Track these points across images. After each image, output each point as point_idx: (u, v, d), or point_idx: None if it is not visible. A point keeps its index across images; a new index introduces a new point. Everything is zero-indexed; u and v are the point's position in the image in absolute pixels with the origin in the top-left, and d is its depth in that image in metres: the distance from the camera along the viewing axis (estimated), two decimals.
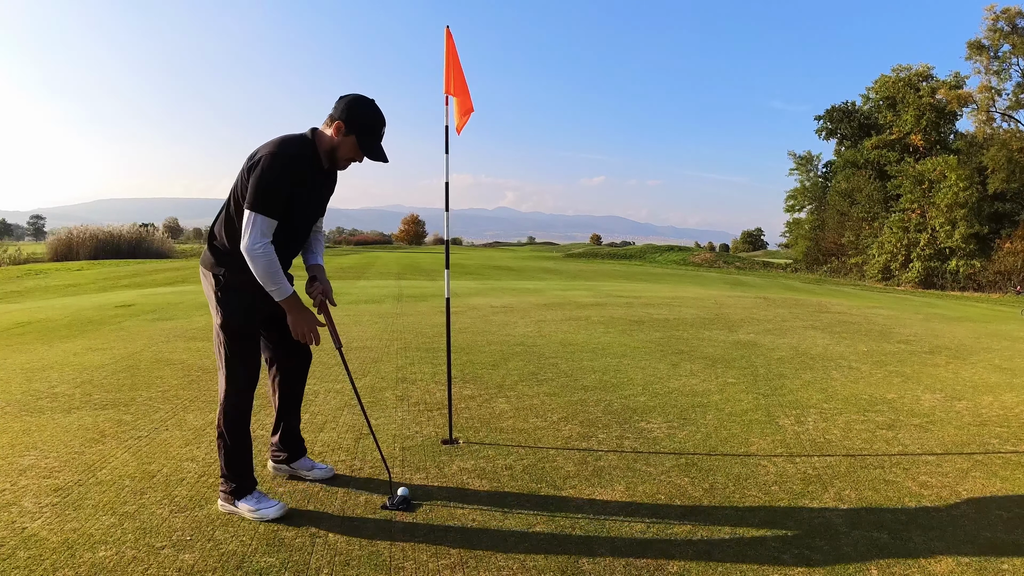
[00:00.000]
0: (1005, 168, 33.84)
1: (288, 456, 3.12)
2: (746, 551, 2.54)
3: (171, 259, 36.17)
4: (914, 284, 37.11)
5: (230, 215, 2.71)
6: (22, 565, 2.30)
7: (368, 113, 2.71)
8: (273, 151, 2.61)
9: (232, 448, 2.75)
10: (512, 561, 2.43)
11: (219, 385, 2.77)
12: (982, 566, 2.47)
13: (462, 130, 3.91)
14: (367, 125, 2.71)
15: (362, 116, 2.70)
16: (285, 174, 2.59)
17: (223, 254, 2.73)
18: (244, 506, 2.72)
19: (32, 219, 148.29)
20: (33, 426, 3.85)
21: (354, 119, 2.69)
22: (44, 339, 6.97)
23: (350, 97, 2.73)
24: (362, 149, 2.72)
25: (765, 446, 3.77)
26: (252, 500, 2.73)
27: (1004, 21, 35.34)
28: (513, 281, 19.69)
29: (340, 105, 2.71)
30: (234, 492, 2.74)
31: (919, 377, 5.71)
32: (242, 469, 2.77)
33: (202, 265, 2.81)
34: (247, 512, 2.71)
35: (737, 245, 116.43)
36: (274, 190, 2.57)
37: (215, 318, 2.75)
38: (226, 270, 2.70)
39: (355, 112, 2.70)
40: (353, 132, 2.69)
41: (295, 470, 3.13)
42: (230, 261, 2.70)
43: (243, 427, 2.78)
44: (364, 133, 2.71)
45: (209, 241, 2.81)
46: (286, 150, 2.62)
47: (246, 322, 2.75)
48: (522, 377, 5.30)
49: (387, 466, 3.14)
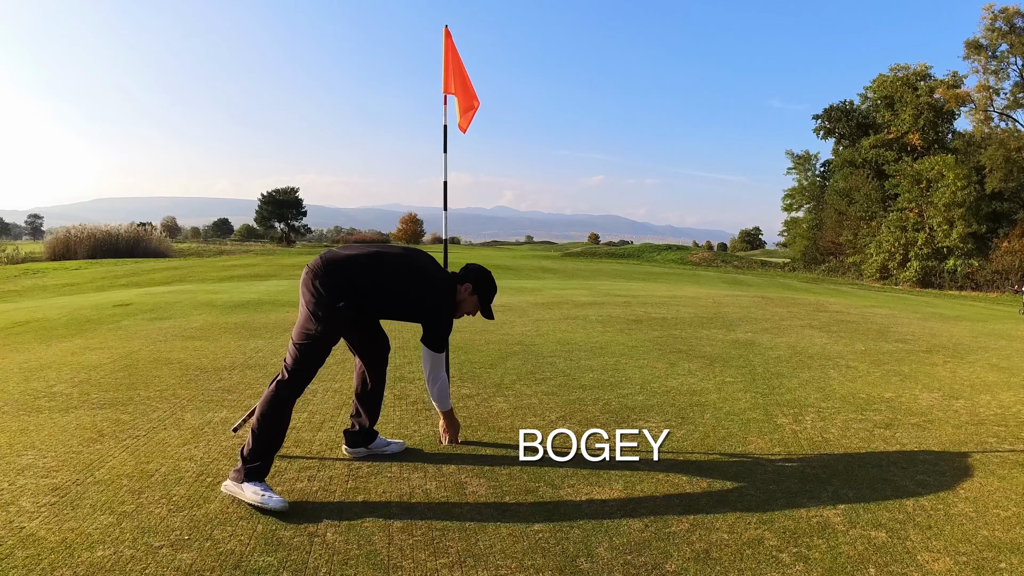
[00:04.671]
0: (1003, 167, 33.90)
1: (367, 439, 3.47)
2: (744, 550, 2.55)
3: (169, 258, 36.12)
4: (912, 283, 37.16)
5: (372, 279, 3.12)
6: (20, 564, 2.30)
7: (490, 285, 3.44)
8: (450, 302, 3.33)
9: (266, 429, 2.93)
10: (510, 560, 2.43)
11: (282, 373, 3.03)
12: (980, 565, 2.48)
13: (467, 127, 3.90)
14: (487, 295, 3.43)
15: (485, 287, 3.42)
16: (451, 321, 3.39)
17: (351, 293, 3.07)
18: (250, 488, 2.82)
19: (30, 218, 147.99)
20: (31, 425, 3.84)
21: (481, 287, 3.40)
22: (42, 338, 6.96)
23: (479, 269, 3.44)
24: (481, 307, 3.45)
25: (763, 445, 3.78)
26: (260, 486, 2.83)
27: (1002, 20, 35.40)
28: (511, 280, 19.69)
29: (473, 274, 3.40)
30: (247, 474, 2.86)
31: (917, 376, 5.72)
32: (265, 452, 2.91)
33: (317, 282, 3.03)
34: (251, 494, 2.80)
35: (735, 244, 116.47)
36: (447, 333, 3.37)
37: (312, 327, 3.01)
38: (345, 305, 3.04)
39: (480, 281, 3.40)
40: (477, 295, 3.40)
41: (372, 450, 3.47)
42: (352, 300, 3.07)
43: (284, 415, 3.01)
44: (485, 300, 3.44)
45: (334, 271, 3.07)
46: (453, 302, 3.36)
47: (335, 336, 3.11)
48: (520, 376, 5.30)
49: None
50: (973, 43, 36.70)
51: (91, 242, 35.94)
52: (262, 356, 5.96)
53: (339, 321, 3.07)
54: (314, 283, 3.03)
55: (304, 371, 3.03)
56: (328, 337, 3.05)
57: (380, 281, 3.14)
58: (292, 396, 3.02)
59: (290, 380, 3.01)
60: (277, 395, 2.98)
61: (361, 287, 3.09)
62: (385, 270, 3.17)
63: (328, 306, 3.00)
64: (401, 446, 3.56)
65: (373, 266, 3.16)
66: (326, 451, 3.50)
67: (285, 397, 3.00)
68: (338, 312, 3.02)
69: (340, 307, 3.02)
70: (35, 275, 22.33)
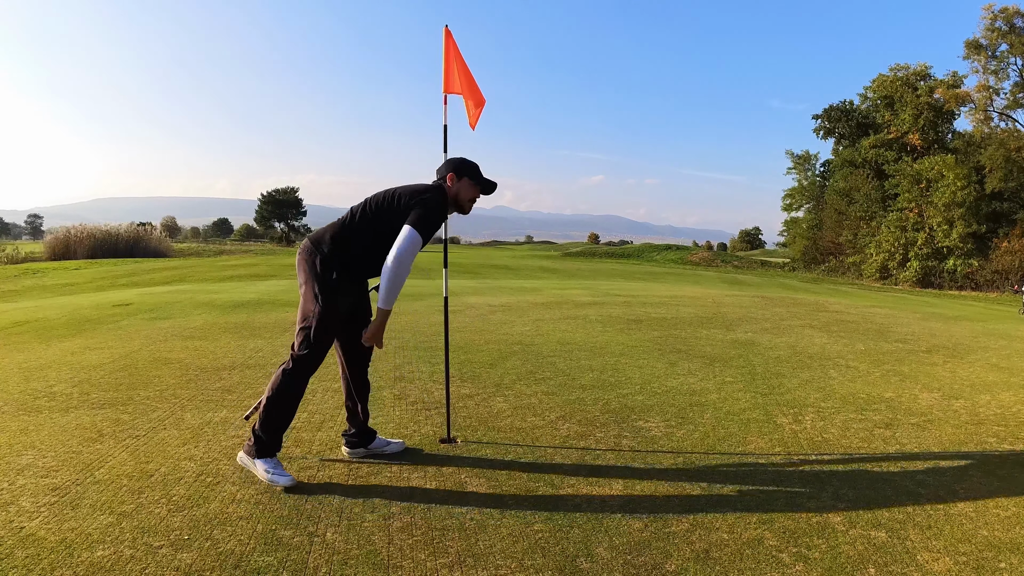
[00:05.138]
0: (1003, 167, 33.91)
1: (365, 439, 3.45)
2: (744, 550, 2.55)
3: (169, 258, 36.12)
4: (912, 283, 37.17)
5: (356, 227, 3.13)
6: (20, 564, 2.30)
7: (466, 161, 3.32)
8: (439, 193, 3.18)
9: (275, 407, 3.05)
10: (510, 560, 2.43)
11: (291, 357, 3.10)
12: (980, 565, 2.48)
13: (476, 124, 3.90)
14: (470, 167, 3.30)
15: (464, 164, 3.30)
16: (444, 213, 3.24)
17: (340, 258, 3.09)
18: (261, 465, 3.03)
19: (30, 218, 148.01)
20: (31, 425, 3.84)
21: (459, 167, 3.28)
22: (42, 338, 6.96)
23: (452, 158, 3.37)
24: (477, 183, 3.29)
25: (763, 445, 3.78)
26: (271, 463, 3.03)
27: (1002, 20, 35.41)
28: (511, 280, 19.70)
29: (446, 165, 3.33)
30: (258, 450, 3.04)
31: (916, 376, 5.72)
32: (275, 430, 3.06)
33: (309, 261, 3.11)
34: (262, 471, 3.01)
35: (735, 244, 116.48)
36: (435, 222, 3.14)
37: (315, 306, 3.05)
38: (337, 275, 3.07)
39: (458, 163, 3.30)
40: (465, 176, 3.27)
41: (371, 450, 3.46)
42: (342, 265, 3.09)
43: (293, 395, 3.10)
44: (475, 175, 3.29)
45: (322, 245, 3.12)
46: (444, 196, 3.22)
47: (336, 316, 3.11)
48: (520, 376, 5.30)
49: None
50: (973, 43, 36.71)
51: (91, 242, 35.93)
52: (262, 356, 5.95)
53: (340, 300, 3.09)
54: (311, 260, 3.10)
55: (309, 354, 3.07)
56: (329, 316, 3.06)
57: (368, 221, 3.13)
58: (297, 380, 3.08)
59: (295, 365, 3.07)
60: (283, 379, 3.07)
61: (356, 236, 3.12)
62: (366, 211, 3.16)
63: (324, 281, 3.05)
64: (401, 446, 3.56)
65: (355, 214, 3.17)
66: (326, 451, 3.50)
67: (289, 381, 3.07)
68: (336, 287, 3.06)
69: (335, 279, 3.05)
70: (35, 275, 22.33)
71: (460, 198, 3.27)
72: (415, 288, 13.75)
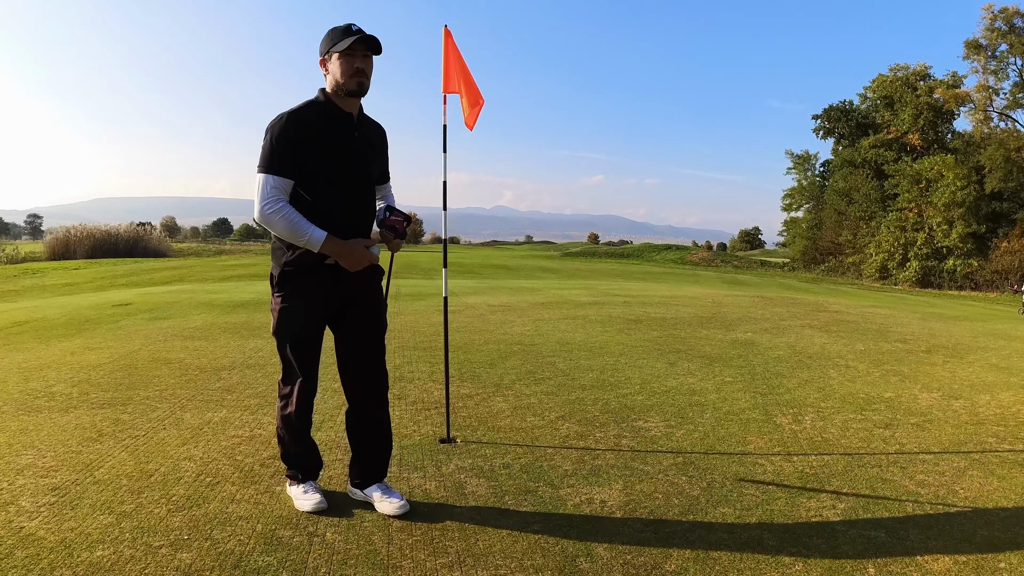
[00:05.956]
0: (1002, 167, 33.93)
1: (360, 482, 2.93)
2: (744, 549, 2.54)
3: (168, 258, 36.11)
4: (911, 283, 37.19)
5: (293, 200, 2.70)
6: (20, 564, 2.29)
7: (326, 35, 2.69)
8: (280, 116, 2.61)
9: (285, 443, 2.91)
10: (510, 560, 2.43)
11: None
12: (979, 564, 2.47)
13: (474, 124, 3.89)
14: (327, 39, 2.67)
15: (323, 41, 2.69)
16: (288, 130, 2.58)
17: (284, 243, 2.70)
18: (290, 491, 2.91)
19: (29, 218, 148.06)
20: (30, 425, 3.84)
21: (323, 44, 2.69)
22: (41, 338, 6.96)
23: None
24: (341, 49, 2.60)
25: (762, 445, 3.78)
26: (298, 489, 2.88)
27: (1002, 20, 35.43)
28: (511, 280, 19.69)
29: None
30: (289, 476, 2.93)
31: (916, 376, 5.72)
32: (292, 463, 2.92)
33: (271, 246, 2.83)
34: (293, 498, 2.88)
35: (735, 244, 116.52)
36: (279, 148, 2.57)
37: (274, 304, 2.79)
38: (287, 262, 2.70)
39: (322, 41, 2.70)
40: (327, 50, 2.65)
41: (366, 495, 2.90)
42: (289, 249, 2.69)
43: (287, 416, 2.84)
44: (335, 42, 2.62)
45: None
46: (289, 111, 2.64)
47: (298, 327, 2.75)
48: (520, 376, 5.30)
49: None
50: (973, 43, 36.73)
51: (90, 242, 35.95)
52: (261, 356, 5.95)
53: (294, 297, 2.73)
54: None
55: (286, 361, 2.80)
56: (292, 310, 2.71)
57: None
58: (283, 398, 2.85)
59: (281, 378, 2.88)
60: (278, 412, 2.89)
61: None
62: None
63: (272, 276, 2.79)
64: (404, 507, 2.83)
65: None
66: (326, 451, 3.49)
67: (282, 403, 2.85)
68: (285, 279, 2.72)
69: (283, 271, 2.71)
70: (34, 275, 22.33)
71: (339, 82, 2.63)
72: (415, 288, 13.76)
